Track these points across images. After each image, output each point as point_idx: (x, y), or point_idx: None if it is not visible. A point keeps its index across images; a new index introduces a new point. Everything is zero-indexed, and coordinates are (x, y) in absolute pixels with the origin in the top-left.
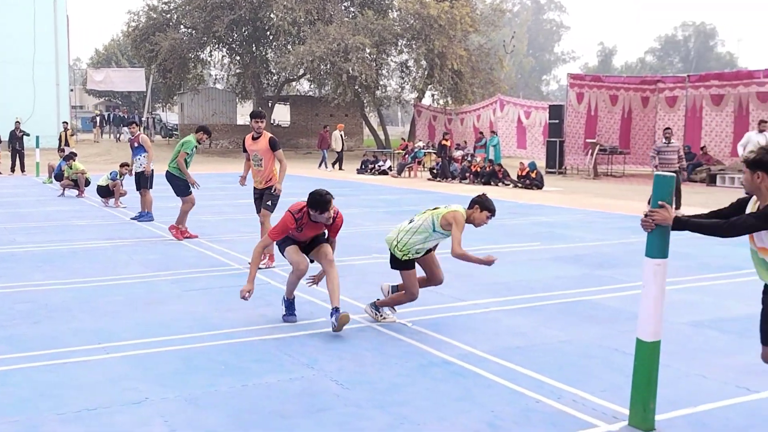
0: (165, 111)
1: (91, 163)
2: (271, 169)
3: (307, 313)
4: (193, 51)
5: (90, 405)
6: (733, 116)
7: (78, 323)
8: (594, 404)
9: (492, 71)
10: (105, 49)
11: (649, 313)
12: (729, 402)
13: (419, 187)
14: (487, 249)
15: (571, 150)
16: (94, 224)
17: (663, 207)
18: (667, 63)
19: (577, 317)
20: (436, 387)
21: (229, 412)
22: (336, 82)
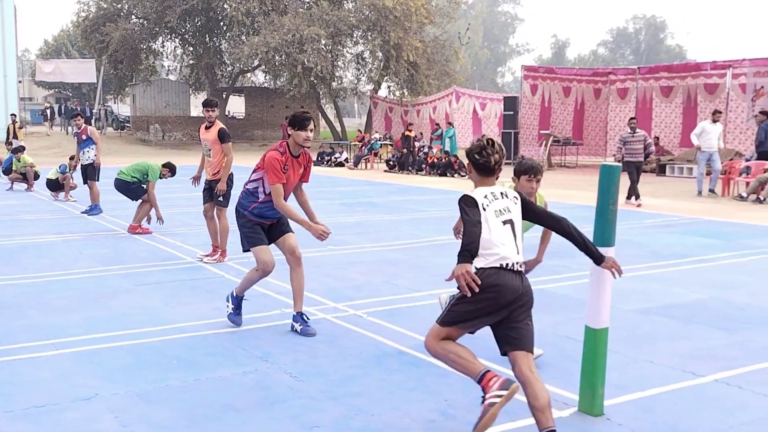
0: (117, 103)
1: (40, 156)
2: (221, 159)
3: (261, 306)
4: (144, 42)
5: (38, 402)
6: (682, 107)
7: (27, 319)
8: None
9: (448, 63)
10: (54, 39)
11: (596, 301)
12: (676, 386)
13: (376, 178)
14: (442, 240)
15: (525, 141)
16: (44, 218)
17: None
18: (619, 55)
19: None
20: (390, 377)
21: (181, 407)
22: (291, 74)
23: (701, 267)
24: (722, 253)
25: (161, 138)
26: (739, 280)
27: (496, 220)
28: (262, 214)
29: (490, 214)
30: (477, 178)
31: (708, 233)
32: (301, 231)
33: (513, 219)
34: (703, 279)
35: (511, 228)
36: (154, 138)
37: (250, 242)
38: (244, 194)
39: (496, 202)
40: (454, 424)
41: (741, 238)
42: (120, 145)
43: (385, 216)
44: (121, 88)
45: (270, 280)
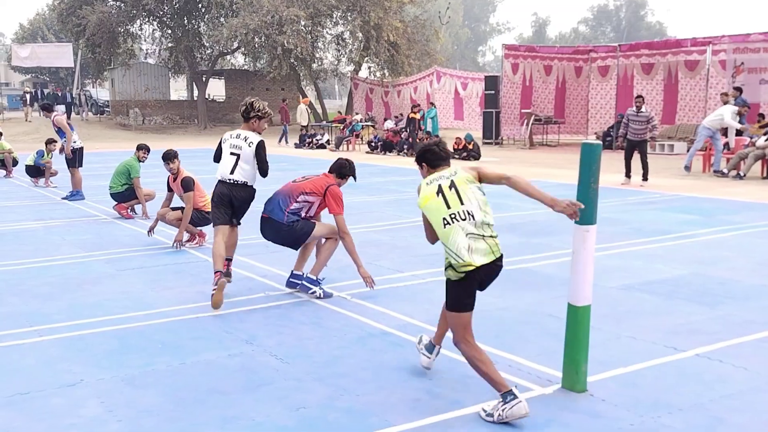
0: (95, 87)
1: (19, 142)
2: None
3: (246, 289)
4: (122, 25)
5: (23, 389)
6: (663, 84)
7: (9, 307)
8: (529, 369)
9: (428, 43)
10: (30, 23)
11: (579, 279)
12: (658, 361)
13: (357, 160)
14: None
15: (507, 120)
16: (24, 205)
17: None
18: (599, 33)
19: (514, 285)
20: (375, 358)
21: (167, 391)
22: (271, 56)
23: (682, 243)
24: (703, 229)
25: (141, 122)
26: (719, 256)
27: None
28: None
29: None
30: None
31: (689, 209)
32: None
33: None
34: (684, 255)
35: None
36: (134, 122)
37: (309, 226)
38: (291, 213)
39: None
40: (440, 403)
41: (721, 213)
42: (100, 130)
43: (367, 197)
44: (100, 72)
45: (254, 263)
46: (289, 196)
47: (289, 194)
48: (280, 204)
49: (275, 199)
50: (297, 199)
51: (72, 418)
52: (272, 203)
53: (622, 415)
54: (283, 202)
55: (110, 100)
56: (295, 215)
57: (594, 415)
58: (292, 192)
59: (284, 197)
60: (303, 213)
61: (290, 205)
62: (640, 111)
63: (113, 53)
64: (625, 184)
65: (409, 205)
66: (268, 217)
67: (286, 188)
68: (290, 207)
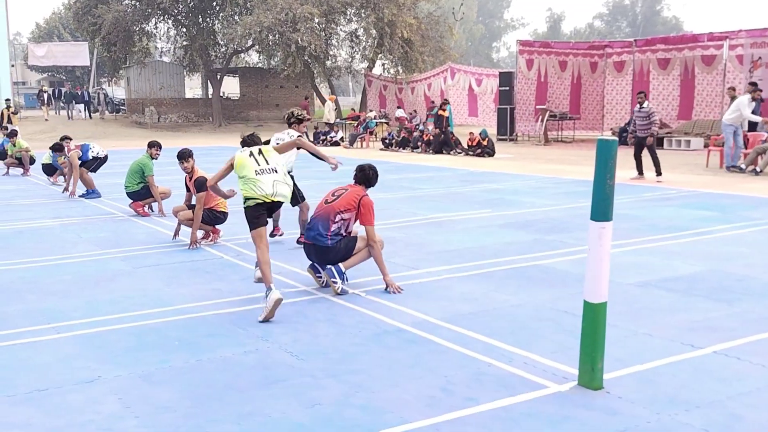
0: (111, 86)
1: (36, 140)
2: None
3: (260, 286)
4: (137, 23)
5: (41, 386)
6: (679, 80)
7: (26, 304)
8: (544, 366)
9: (442, 39)
10: (46, 22)
11: (595, 276)
12: (675, 359)
13: (372, 157)
14: (438, 217)
15: (521, 117)
16: (41, 203)
17: None
18: (615, 28)
19: (528, 282)
20: (389, 355)
21: (184, 387)
22: (285, 53)
23: (699, 239)
24: (720, 225)
25: (156, 120)
26: (737, 252)
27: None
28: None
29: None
30: None
31: (706, 205)
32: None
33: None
34: (701, 251)
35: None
36: (149, 120)
37: (353, 242)
38: (334, 234)
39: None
40: (454, 401)
41: (739, 209)
42: (116, 128)
43: (381, 194)
44: (115, 71)
45: (271, 260)
46: (327, 220)
47: (326, 218)
48: (320, 230)
49: (315, 225)
50: (335, 220)
51: (90, 414)
52: (313, 230)
53: (639, 412)
54: (323, 227)
55: (126, 98)
56: (338, 235)
57: (611, 413)
58: (328, 214)
59: (323, 222)
60: (343, 231)
61: (330, 228)
62: (642, 107)
63: (129, 52)
64: (635, 179)
65: (423, 202)
66: (312, 244)
67: (322, 211)
68: (331, 230)
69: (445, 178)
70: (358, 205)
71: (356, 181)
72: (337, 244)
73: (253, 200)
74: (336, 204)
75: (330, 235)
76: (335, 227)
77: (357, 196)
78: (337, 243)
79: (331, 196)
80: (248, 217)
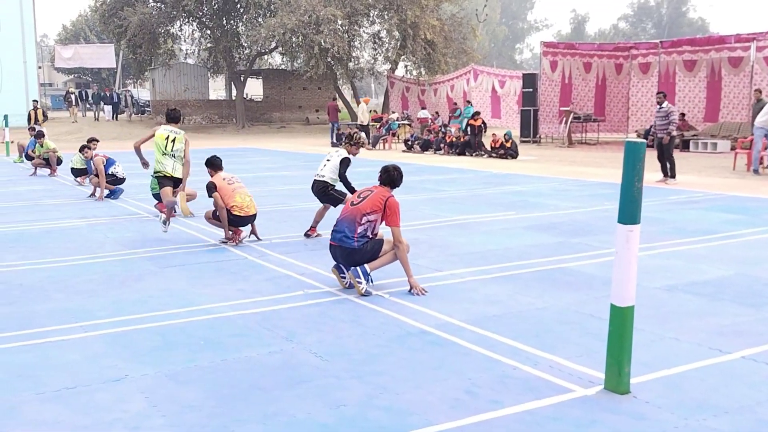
0: (136, 87)
1: (62, 141)
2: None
3: (285, 287)
4: (162, 25)
5: (69, 384)
6: (705, 81)
7: (54, 303)
8: (570, 369)
9: (465, 41)
10: (73, 24)
11: (623, 279)
12: (703, 363)
13: (394, 159)
14: (461, 219)
15: (545, 119)
16: (68, 203)
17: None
18: (640, 29)
19: (553, 284)
20: (413, 357)
21: (210, 387)
22: (308, 55)
23: (726, 243)
24: (748, 229)
25: (181, 122)
26: (764, 256)
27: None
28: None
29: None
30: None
31: (732, 209)
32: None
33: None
34: (728, 255)
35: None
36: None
37: (378, 244)
38: (360, 236)
39: None
40: (479, 403)
41: (766, 213)
42: (141, 130)
43: (403, 196)
44: (141, 73)
45: (293, 261)
46: (353, 221)
47: (352, 219)
48: (347, 231)
49: (341, 227)
50: (361, 222)
51: (117, 412)
52: (339, 231)
53: (667, 417)
54: (349, 230)
55: (151, 99)
56: (364, 237)
57: (638, 417)
58: (354, 216)
59: (349, 223)
60: (369, 233)
61: (357, 230)
62: (661, 107)
63: (154, 54)
64: (661, 182)
65: (446, 204)
66: (338, 245)
67: (349, 213)
68: (357, 232)
69: (468, 180)
70: (384, 206)
71: (381, 182)
72: (364, 246)
73: (160, 173)
74: (362, 206)
75: (356, 237)
76: (361, 229)
77: (383, 197)
78: (363, 245)
79: (357, 198)
80: (158, 180)
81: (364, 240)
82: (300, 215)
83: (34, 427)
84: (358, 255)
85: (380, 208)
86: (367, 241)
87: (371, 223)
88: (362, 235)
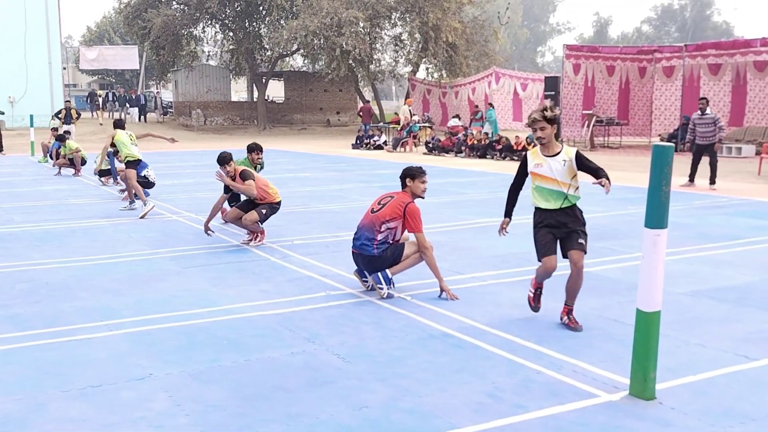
0: (159, 89)
1: (87, 142)
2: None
3: (306, 288)
4: (185, 27)
5: (94, 382)
6: (731, 86)
7: (79, 301)
8: (594, 374)
9: (487, 43)
10: (97, 26)
11: (649, 284)
12: (729, 370)
13: (415, 161)
14: (483, 222)
15: (568, 122)
16: (92, 203)
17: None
18: (663, 33)
19: None
20: (436, 359)
21: (233, 387)
22: (330, 57)
23: (752, 249)
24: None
25: (203, 123)
26: None
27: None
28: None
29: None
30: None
31: (759, 214)
32: (343, 216)
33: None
34: (754, 261)
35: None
36: (196, 123)
37: (399, 249)
38: (380, 244)
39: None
40: (503, 407)
41: None
42: (163, 131)
43: (425, 199)
44: (164, 74)
45: (315, 262)
46: (372, 229)
47: (372, 227)
48: (366, 239)
49: (361, 235)
50: (380, 230)
51: (142, 411)
52: (360, 239)
53: (693, 424)
54: (369, 237)
55: (173, 101)
56: (384, 244)
57: (664, 424)
58: (374, 224)
59: (369, 231)
60: (390, 240)
61: (377, 238)
62: (704, 113)
63: (177, 55)
64: (685, 186)
65: (468, 207)
66: (359, 253)
67: (368, 221)
68: (377, 239)
69: (490, 182)
70: (403, 213)
71: (403, 187)
72: (384, 253)
73: (133, 157)
74: (381, 213)
75: (376, 245)
76: (381, 237)
77: (402, 203)
78: (383, 252)
79: (377, 205)
80: (131, 165)
81: (384, 246)
82: (321, 216)
83: (61, 425)
84: (378, 262)
85: (400, 215)
86: (387, 248)
87: (391, 230)
88: (382, 242)
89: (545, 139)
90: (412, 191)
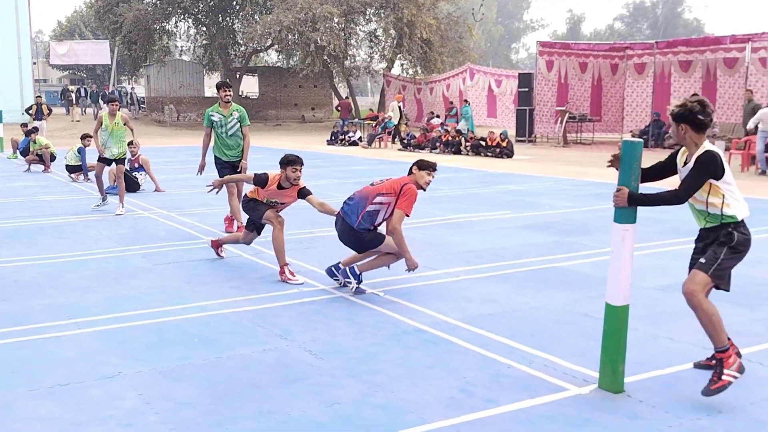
0: (131, 84)
1: (58, 138)
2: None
3: (279, 285)
4: (158, 22)
5: (63, 380)
6: (701, 82)
7: (48, 299)
8: (565, 368)
9: (461, 40)
10: (68, 20)
11: (618, 278)
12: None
13: (390, 157)
14: (457, 218)
15: (541, 118)
16: (62, 199)
17: (620, 191)
18: (635, 30)
19: (548, 284)
20: (408, 355)
21: (204, 384)
22: (304, 53)
23: None
24: None
25: (176, 119)
26: (760, 257)
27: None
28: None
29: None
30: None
31: None
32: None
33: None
34: None
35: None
36: (169, 119)
37: (378, 240)
38: (365, 216)
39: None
40: (474, 402)
41: (761, 214)
42: (136, 127)
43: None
44: (136, 69)
45: (288, 259)
46: (365, 198)
47: (365, 196)
48: (355, 206)
49: (353, 200)
50: (373, 200)
51: (110, 409)
52: (349, 204)
53: (661, 416)
54: (358, 206)
55: (146, 96)
56: (368, 221)
57: (632, 417)
58: (369, 194)
59: (360, 199)
60: (378, 218)
61: (365, 208)
62: None
63: (149, 50)
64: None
65: (442, 203)
66: (342, 217)
67: (364, 190)
68: (365, 209)
69: (464, 179)
70: (399, 190)
71: (409, 173)
72: (362, 233)
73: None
74: (379, 186)
75: (360, 216)
76: (371, 208)
77: (402, 182)
78: (362, 231)
79: (378, 181)
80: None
81: (366, 226)
82: (295, 213)
83: (28, 424)
84: (352, 236)
85: (395, 192)
86: (368, 230)
87: (382, 206)
88: (369, 215)
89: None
90: (416, 179)
